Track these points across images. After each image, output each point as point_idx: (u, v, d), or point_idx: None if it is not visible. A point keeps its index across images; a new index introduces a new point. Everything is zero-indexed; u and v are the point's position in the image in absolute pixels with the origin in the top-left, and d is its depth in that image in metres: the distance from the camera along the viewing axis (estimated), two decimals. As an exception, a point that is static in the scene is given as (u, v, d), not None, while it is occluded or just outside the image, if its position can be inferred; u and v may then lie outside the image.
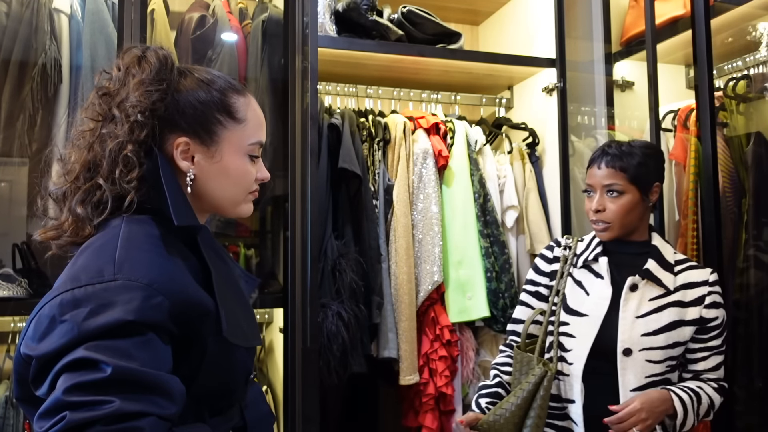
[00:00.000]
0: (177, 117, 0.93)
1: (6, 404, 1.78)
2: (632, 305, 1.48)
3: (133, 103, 0.89)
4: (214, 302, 0.86)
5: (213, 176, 0.95)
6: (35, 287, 1.83)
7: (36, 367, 0.77)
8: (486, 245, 2.13)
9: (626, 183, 1.47)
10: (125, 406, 0.70)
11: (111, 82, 0.94)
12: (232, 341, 0.87)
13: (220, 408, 0.93)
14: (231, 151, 0.96)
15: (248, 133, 0.98)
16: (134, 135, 0.88)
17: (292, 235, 1.91)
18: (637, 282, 1.49)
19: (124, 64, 0.94)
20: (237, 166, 0.97)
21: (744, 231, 1.83)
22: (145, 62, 0.93)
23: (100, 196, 0.89)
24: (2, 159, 1.94)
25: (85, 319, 0.74)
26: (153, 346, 0.77)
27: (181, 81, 0.95)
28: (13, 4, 1.91)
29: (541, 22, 2.40)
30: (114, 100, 0.91)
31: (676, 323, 1.46)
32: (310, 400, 1.82)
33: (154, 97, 0.90)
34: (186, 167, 0.93)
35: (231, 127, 0.96)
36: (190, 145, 0.93)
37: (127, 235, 0.85)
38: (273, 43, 2.13)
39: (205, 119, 0.94)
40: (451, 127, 2.23)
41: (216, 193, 0.97)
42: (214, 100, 0.95)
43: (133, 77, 0.92)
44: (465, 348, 2.12)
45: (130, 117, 0.89)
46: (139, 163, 0.88)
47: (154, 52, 0.94)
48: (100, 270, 0.79)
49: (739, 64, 1.98)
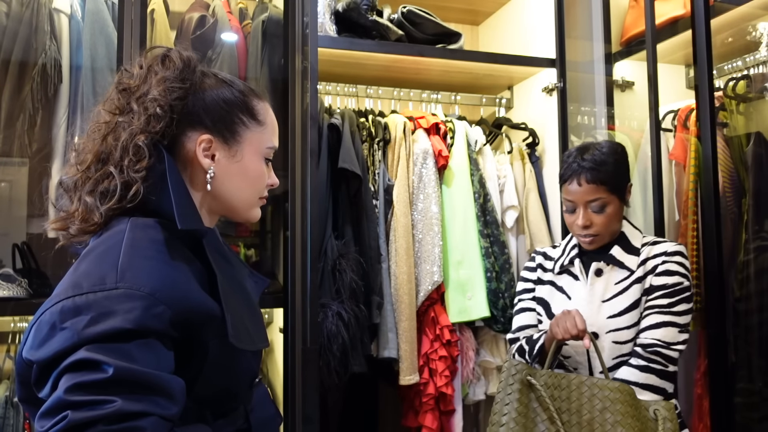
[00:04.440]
0: (201, 114, 0.94)
1: (6, 404, 1.78)
2: (598, 290, 1.51)
3: (154, 96, 0.90)
4: (220, 307, 0.86)
5: (232, 176, 0.96)
6: (35, 287, 1.83)
7: (37, 371, 0.77)
8: (486, 245, 2.13)
9: (608, 195, 1.48)
10: (127, 405, 0.70)
11: (132, 79, 0.94)
12: (238, 346, 0.86)
13: (224, 411, 0.93)
14: (251, 152, 0.98)
15: (267, 137, 1.00)
16: (149, 126, 0.89)
17: (292, 235, 1.91)
18: (601, 267, 1.52)
19: (147, 62, 0.95)
20: (255, 167, 0.99)
21: (744, 231, 1.83)
22: (168, 61, 0.94)
23: (108, 184, 0.89)
24: (2, 159, 1.94)
25: (85, 327, 0.74)
26: (154, 349, 0.77)
27: (204, 80, 0.96)
28: (13, 4, 1.91)
29: (540, 22, 2.40)
30: (134, 95, 0.92)
31: (639, 300, 1.47)
32: (310, 400, 1.82)
33: (175, 94, 0.91)
34: (207, 165, 0.94)
35: (252, 128, 0.98)
36: (212, 143, 0.94)
37: (130, 242, 0.84)
38: (273, 43, 2.13)
39: (228, 118, 0.96)
40: (451, 127, 2.23)
41: (232, 193, 0.97)
42: (238, 100, 0.97)
43: (156, 74, 0.93)
44: (465, 348, 2.12)
45: (148, 110, 0.90)
46: (149, 154, 0.89)
47: (177, 53, 0.96)
48: (103, 277, 0.79)
49: (739, 64, 1.98)
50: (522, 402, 1.37)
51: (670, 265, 1.47)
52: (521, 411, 1.36)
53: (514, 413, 1.36)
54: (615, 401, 1.31)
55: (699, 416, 1.90)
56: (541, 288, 1.65)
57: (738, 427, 1.74)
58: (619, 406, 1.30)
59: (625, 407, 1.30)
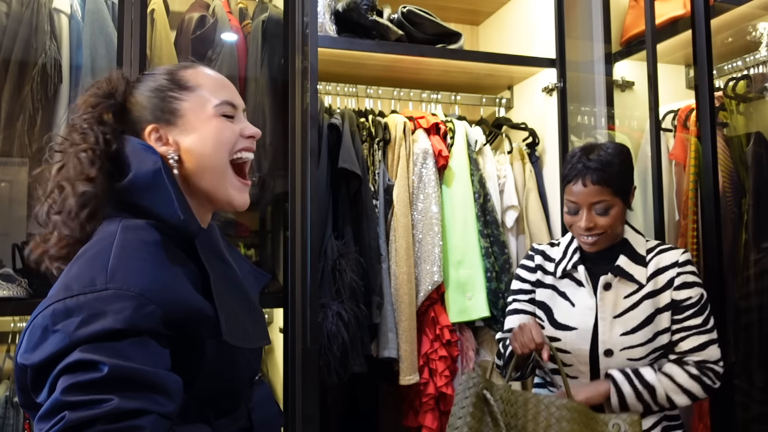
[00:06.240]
0: (142, 113, 0.97)
1: (6, 404, 1.78)
2: (609, 305, 1.48)
3: (84, 117, 0.95)
4: (213, 307, 0.86)
5: (192, 149, 0.96)
6: (35, 287, 1.83)
7: (32, 375, 0.77)
8: (486, 245, 2.13)
9: (613, 197, 1.46)
10: (124, 403, 0.71)
11: (75, 113, 0.99)
12: (233, 344, 0.87)
13: (226, 409, 0.93)
14: (199, 119, 0.97)
15: (207, 96, 0.99)
16: (88, 141, 0.92)
17: (292, 235, 1.91)
18: (610, 280, 1.49)
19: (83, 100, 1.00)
20: (211, 128, 0.97)
21: (744, 231, 1.83)
22: (93, 89, 0.99)
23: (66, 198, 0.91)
24: (2, 159, 1.94)
25: (76, 329, 0.74)
26: (148, 346, 0.77)
27: (135, 86, 1.00)
28: (13, 4, 1.91)
29: (541, 22, 2.40)
30: (75, 127, 0.96)
31: (652, 315, 1.46)
32: (310, 400, 1.82)
33: (99, 108, 0.95)
34: (165, 151, 0.95)
35: (186, 97, 0.98)
36: (160, 129, 0.96)
37: (121, 243, 0.85)
38: (273, 43, 2.13)
39: (160, 101, 0.97)
40: (451, 127, 2.23)
41: (201, 166, 0.96)
42: (162, 83, 0.99)
43: (84, 102, 0.98)
44: (465, 348, 2.12)
45: (83, 126, 0.94)
46: (97, 161, 0.91)
47: (106, 78, 1.00)
48: (93, 279, 0.79)
49: (739, 64, 1.98)
50: (475, 416, 1.35)
51: (687, 276, 1.47)
52: (473, 426, 1.35)
53: (465, 428, 1.34)
54: (561, 419, 1.33)
55: (699, 416, 1.90)
56: (542, 292, 1.60)
57: (738, 426, 1.74)
58: (564, 424, 1.33)
59: (572, 425, 1.32)
